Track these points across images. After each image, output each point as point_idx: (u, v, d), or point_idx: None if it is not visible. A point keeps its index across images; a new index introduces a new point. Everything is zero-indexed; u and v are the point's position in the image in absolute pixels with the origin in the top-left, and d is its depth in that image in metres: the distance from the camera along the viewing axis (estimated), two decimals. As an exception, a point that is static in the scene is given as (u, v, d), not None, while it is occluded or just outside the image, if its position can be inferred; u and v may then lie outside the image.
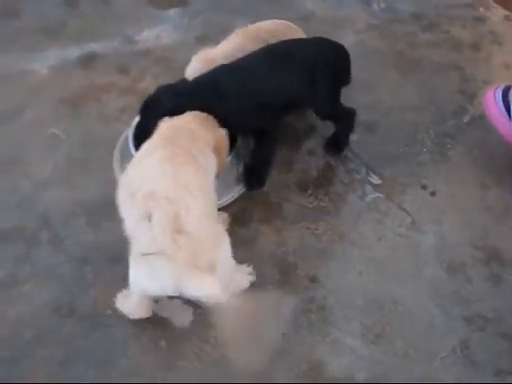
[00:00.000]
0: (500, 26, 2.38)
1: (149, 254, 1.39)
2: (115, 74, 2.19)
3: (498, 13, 2.43)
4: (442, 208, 1.85)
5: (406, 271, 1.71)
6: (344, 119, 1.92)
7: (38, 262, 1.72)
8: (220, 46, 1.94)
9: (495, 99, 1.86)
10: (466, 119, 2.07)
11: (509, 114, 1.83)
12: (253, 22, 2.29)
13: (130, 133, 1.86)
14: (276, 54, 1.79)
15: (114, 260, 1.70)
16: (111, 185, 1.83)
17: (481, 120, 2.05)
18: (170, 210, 1.40)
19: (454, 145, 2.00)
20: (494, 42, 2.32)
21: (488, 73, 2.21)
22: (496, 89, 1.87)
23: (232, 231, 1.67)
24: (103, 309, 1.63)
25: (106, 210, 1.80)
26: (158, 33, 2.33)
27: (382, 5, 2.45)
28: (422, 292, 1.67)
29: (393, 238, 1.77)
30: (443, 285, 1.69)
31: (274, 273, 1.69)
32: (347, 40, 2.26)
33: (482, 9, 2.45)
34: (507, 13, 2.43)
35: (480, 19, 2.40)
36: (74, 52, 2.26)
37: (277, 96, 1.76)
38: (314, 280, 1.69)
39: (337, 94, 1.86)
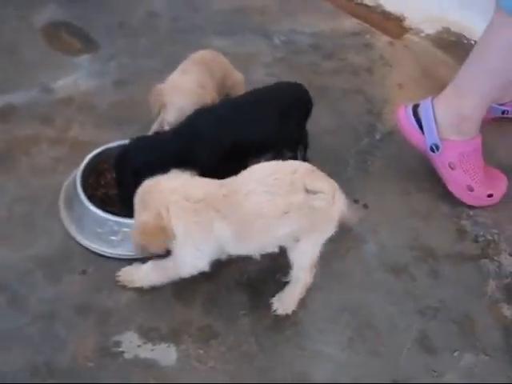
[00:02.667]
0: (386, 50, 2.68)
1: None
2: (39, 126, 2.15)
3: (382, 39, 2.73)
4: (375, 217, 2.04)
5: (360, 279, 1.87)
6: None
7: (1, 326, 1.65)
8: (179, 74, 2.02)
9: (407, 116, 2.10)
10: (378, 136, 2.29)
11: (420, 128, 2.08)
12: (164, 63, 2.39)
13: (77, 177, 1.86)
14: (250, 101, 1.91)
15: (83, 311, 1.68)
16: (61, 236, 1.84)
17: (390, 135, 2.29)
18: None
19: (373, 160, 2.22)
20: (385, 65, 2.60)
21: (386, 93, 2.48)
22: (406, 107, 2.12)
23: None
24: (83, 362, 1.60)
25: (62, 262, 1.79)
26: (74, 80, 2.32)
27: (282, 38, 2.65)
28: (377, 295, 1.84)
29: (344, 252, 1.93)
30: (393, 285, 1.86)
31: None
32: (258, 74, 2.43)
33: (368, 36, 2.74)
34: (390, 39, 2.74)
35: (369, 46, 2.68)
36: (-12, 105, 2.19)
37: (251, 138, 1.85)
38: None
39: (304, 128, 2.01)
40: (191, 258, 1.64)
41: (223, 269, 1.81)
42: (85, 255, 1.80)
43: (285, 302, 1.74)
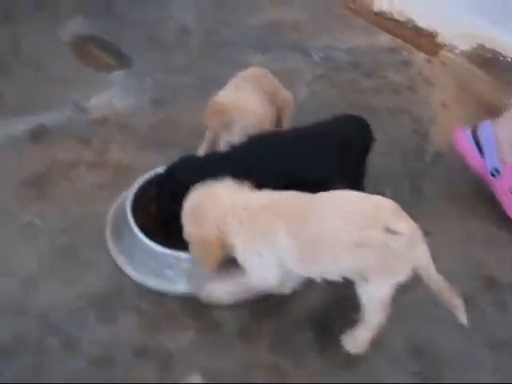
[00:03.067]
0: (424, 67, 2.60)
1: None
2: (76, 147, 2.01)
3: (419, 55, 2.65)
4: (435, 245, 1.94)
5: (428, 311, 1.77)
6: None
7: (54, 371, 1.50)
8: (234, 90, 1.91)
9: (466, 139, 2.02)
10: (427, 158, 2.21)
11: (479, 151, 2.00)
12: (199, 80, 2.28)
13: (127, 206, 1.73)
14: (312, 133, 1.80)
15: (142, 354, 1.55)
16: (109, 269, 1.70)
17: (439, 157, 2.21)
18: None
19: (425, 183, 2.12)
20: (425, 83, 2.52)
21: (430, 112, 2.39)
22: (464, 130, 2.04)
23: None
24: (148, 411, 1.47)
25: (114, 299, 1.65)
26: (108, 98, 2.19)
27: (320, 54, 2.55)
28: (445, 328, 1.73)
29: (409, 282, 1.82)
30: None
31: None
32: (302, 92, 2.33)
33: (405, 53, 2.65)
34: (427, 56, 2.66)
35: (407, 63, 2.60)
36: (19, 126, 2.05)
37: (311, 170, 1.75)
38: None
39: (365, 163, 1.90)
40: (256, 268, 1.54)
41: (288, 304, 1.69)
42: (138, 290, 1.67)
43: (357, 341, 1.62)
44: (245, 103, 1.86)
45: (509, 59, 2.69)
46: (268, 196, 1.56)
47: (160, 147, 2.05)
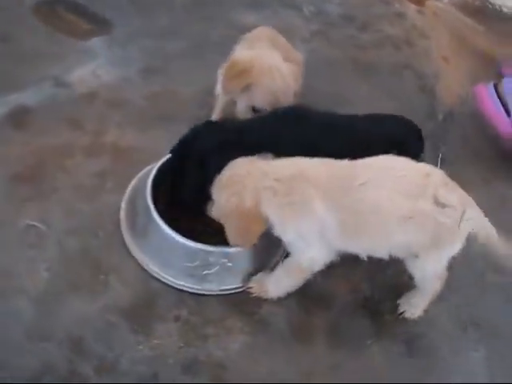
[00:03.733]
0: (418, 19, 2.45)
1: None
2: (66, 131, 1.72)
3: (410, 7, 2.50)
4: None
5: (472, 283, 1.68)
6: None
7: (95, 401, 1.30)
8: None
9: (490, 96, 1.90)
10: (440, 117, 2.08)
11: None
12: (190, 43, 2.04)
13: (148, 199, 1.49)
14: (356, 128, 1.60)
15: (190, 367, 1.37)
16: (135, 273, 1.48)
17: (452, 116, 2.09)
18: None
19: (443, 145, 2.01)
20: (421, 36, 2.37)
21: (433, 67, 2.26)
22: (487, 86, 1.92)
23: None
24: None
25: (147, 309, 1.44)
26: (91, 70, 1.89)
27: (311, 8, 2.33)
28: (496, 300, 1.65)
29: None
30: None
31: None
32: (300, 50, 2.08)
33: (397, 5, 2.49)
34: (417, 7, 2.51)
35: (400, 15, 2.44)
36: (-3, 109, 1.73)
37: None
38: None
39: None
40: (299, 247, 1.40)
41: (335, 291, 1.56)
42: (173, 295, 1.47)
43: (412, 306, 1.54)
44: (269, 61, 1.62)
45: (497, 7, 2.61)
46: (300, 164, 1.39)
47: (161, 122, 1.80)
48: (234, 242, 1.41)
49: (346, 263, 1.46)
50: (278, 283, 1.48)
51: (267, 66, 1.61)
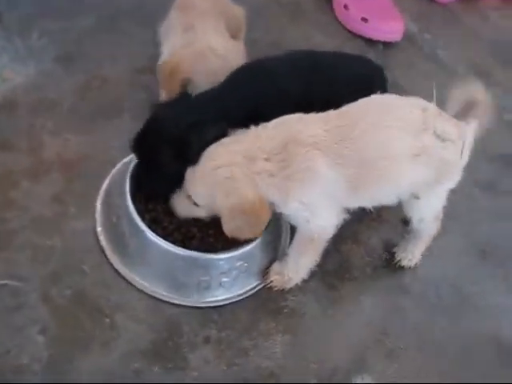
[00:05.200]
0: None
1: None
2: (-3, 153, 1.42)
3: None
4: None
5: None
6: None
7: None
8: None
9: None
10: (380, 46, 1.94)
11: None
12: (105, 18, 1.78)
13: (131, 212, 1.28)
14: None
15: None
16: (142, 304, 1.29)
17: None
18: None
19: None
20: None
21: None
22: None
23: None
24: None
25: (171, 339, 1.26)
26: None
27: None
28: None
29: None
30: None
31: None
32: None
33: None
34: None
35: None
36: None
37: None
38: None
39: None
40: (306, 217, 1.27)
41: (351, 256, 1.46)
42: (193, 316, 1.29)
43: (409, 253, 1.48)
44: (201, 45, 1.44)
45: None
46: (287, 129, 1.23)
47: (101, 118, 1.54)
48: (242, 237, 1.25)
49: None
50: (296, 266, 1.35)
51: (198, 52, 1.43)
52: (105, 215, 1.36)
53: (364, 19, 1.90)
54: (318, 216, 1.26)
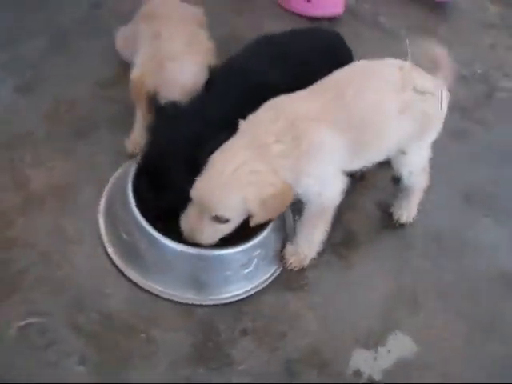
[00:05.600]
0: None
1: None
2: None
3: None
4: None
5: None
6: None
7: None
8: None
9: None
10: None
11: None
12: (46, 38, 1.74)
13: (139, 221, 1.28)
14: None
15: (290, 372, 1.24)
16: (173, 314, 1.29)
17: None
18: None
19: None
20: None
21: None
22: None
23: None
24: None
25: (210, 340, 1.26)
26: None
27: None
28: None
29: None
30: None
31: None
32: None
33: None
34: None
35: None
36: None
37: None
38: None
39: None
40: (318, 191, 1.31)
41: (352, 223, 1.51)
42: (225, 313, 1.30)
43: (405, 210, 1.55)
44: (162, 64, 1.43)
45: None
46: (287, 109, 1.27)
47: (81, 139, 1.53)
48: (264, 220, 1.26)
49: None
50: (310, 241, 1.39)
51: (158, 64, 1.43)
52: (112, 234, 1.34)
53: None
54: (328, 187, 1.30)
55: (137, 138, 1.48)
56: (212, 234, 1.24)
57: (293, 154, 1.22)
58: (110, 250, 1.33)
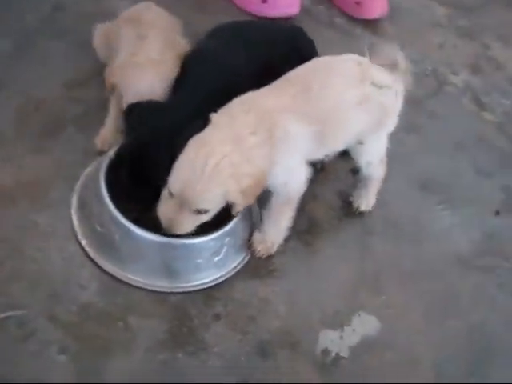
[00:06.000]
0: None
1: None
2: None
3: None
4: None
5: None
6: None
7: None
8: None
9: None
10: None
11: None
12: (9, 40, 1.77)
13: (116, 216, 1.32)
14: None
15: (263, 353, 1.31)
16: (147, 301, 1.34)
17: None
18: None
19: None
20: None
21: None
22: None
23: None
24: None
25: (184, 325, 1.32)
26: None
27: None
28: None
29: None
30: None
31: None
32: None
33: None
34: None
35: None
36: None
37: None
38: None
39: None
40: (286, 181, 1.38)
41: (314, 212, 1.58)
42: (197, 299, 1.35)
43: (364, 199, 1.63)
44: (131, 67, 1.48)
45: None
46: (260, 103, 1.32)
47: (50, 138, 1.54)
48: (244, 205, 1.31)
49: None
50: (277, 230, 1.46)
51: (130, 64, 1.48)
52: (86, 227, 1.38)
53: (263, 0, 2.03)
54: (295, 177, 1.38)
55: (107, 134, 1.52)
56: (191, 225, 1.28)
57: (267, 144, 1.29)
58: (83, 242, 1.36)
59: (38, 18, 1.81)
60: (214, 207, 1.28)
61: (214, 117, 1.31)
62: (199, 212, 1.26)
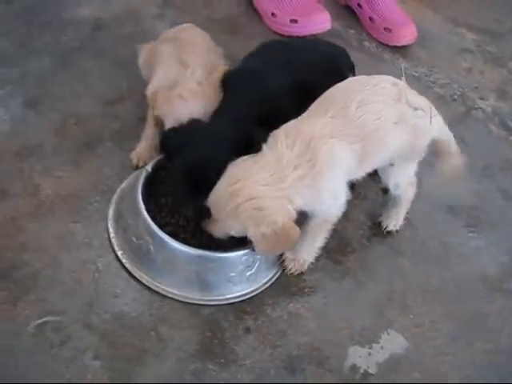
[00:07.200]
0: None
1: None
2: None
3: None
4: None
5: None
6: None
7: None
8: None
9: None
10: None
11: None
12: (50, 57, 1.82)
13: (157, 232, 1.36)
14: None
15: (291, 368, 1.33)
16: (180, 313, 1.37)
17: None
18: None
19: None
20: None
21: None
22: None
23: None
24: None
25: (216, 337, 1.34)
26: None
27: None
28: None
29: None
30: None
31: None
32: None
33: None
34: None
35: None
36: None
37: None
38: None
39: None
40: (330, 204, 1.41)
41: (346, 231, 1.60)
42: (229, 312, 1.39)
43: (393, 219, 1.65)
44: (172, 100, 1.50)
45: None
46: (303, 130, 1.36)
47: (87, 152, 1.61)
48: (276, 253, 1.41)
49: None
50: (310, 249, 1.48)
51: (171, 97, 1.50)
52: (122, 238, 1.42)
53: (293, 21, 2.06)
54: (339, 199, 1.40)
55: (142, 150, 1.57)
56: (221, 235, 1.35)
57: (309, 175, 1.32)
58: (119, 253, 1.41)
59: (79, 37, 1.89)
60: (236, 234, 1.33)
61: (262, 148, 1.34)
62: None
